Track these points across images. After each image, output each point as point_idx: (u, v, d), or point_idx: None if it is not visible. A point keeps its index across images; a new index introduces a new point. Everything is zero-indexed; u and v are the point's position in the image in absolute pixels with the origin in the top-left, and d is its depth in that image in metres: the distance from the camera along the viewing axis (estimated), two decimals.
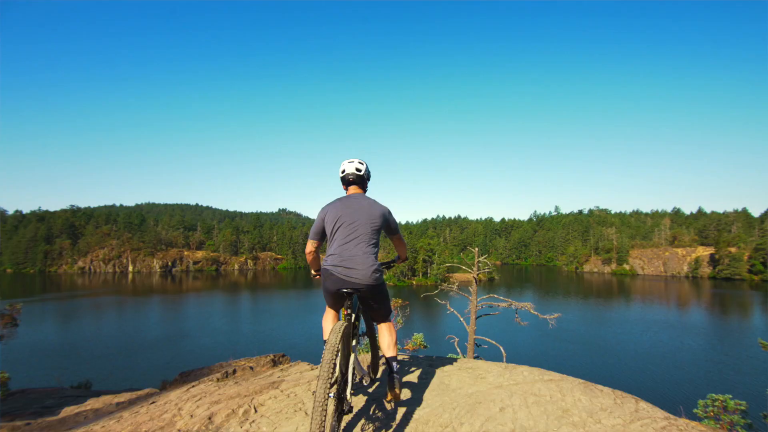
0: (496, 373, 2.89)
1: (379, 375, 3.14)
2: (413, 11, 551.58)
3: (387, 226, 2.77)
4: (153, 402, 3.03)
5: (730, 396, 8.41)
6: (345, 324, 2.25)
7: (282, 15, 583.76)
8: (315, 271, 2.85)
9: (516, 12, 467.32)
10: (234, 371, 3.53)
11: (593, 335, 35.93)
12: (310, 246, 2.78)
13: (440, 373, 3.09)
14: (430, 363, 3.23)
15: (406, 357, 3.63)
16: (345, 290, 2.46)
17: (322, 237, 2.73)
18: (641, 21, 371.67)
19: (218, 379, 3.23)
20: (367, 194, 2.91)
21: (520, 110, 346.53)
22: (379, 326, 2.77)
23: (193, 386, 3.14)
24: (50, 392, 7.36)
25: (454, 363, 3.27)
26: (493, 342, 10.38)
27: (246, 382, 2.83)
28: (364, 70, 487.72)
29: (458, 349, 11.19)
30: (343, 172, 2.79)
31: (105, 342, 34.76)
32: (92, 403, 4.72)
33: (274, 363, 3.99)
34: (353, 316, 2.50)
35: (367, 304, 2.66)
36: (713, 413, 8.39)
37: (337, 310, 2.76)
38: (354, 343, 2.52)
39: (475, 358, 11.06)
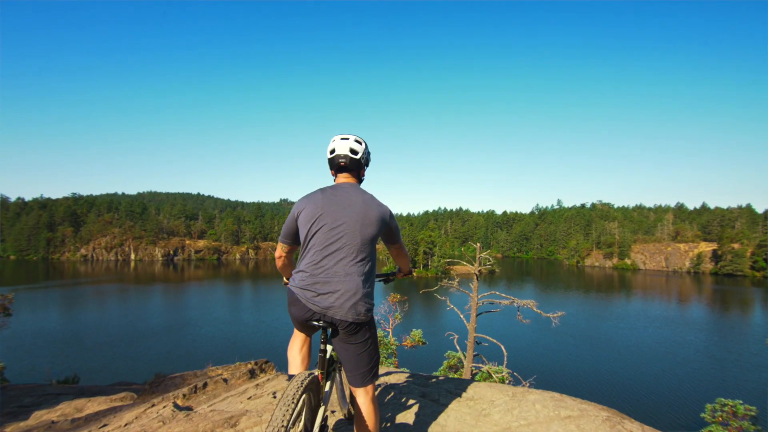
0: (502, 407, 2.41)
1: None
2: (424, 2, 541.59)
3: (387, 233, 2.06)
4: (104, 426, 2.69)
5: (741, 401, 8.08)
6: (308, 378, 1.64)
7: (286, 6, 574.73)
8: (288, 279, 2.23)
9: (521, 6, 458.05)
10: (205, 385, 3.16)
11: (595, 330, 35.71)
12: (280, 250, 2.13)
13: (435, 407, 2.57)
14: (423, 391, 2.74)
15: (399, 378, 3.12)
16: (315, 322, 1.85)
17: (296, 240, 2.05)
18: (644, 16, 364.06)
19: (184, 396, 2.88)
20: (362, 186, 2.15)
21: (524, 103, 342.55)
22: (354, 392, 1.96)
23: (151, 407, 2.78)
24: (32, 389, 7.10)
25: (452, 389, 2.77)
26: (494, 340, 10.05)
27: (198, 416, 2.41)
28: (368, 62, 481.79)
29: (457, 347, 10.88)
30: (332, 152, 2.04)
31: (106, 330, 34.87)
32: (63, 408, 4.42)
33: (252, 374, 3.62)
34: (328, 351, 1.94)
35: (342, 349, 1.91)
36: (721, 418, 8.07)
37: (309, 335, 2.14)
38: (328, 387, 1.98)
39: (475, 356, 10.76)
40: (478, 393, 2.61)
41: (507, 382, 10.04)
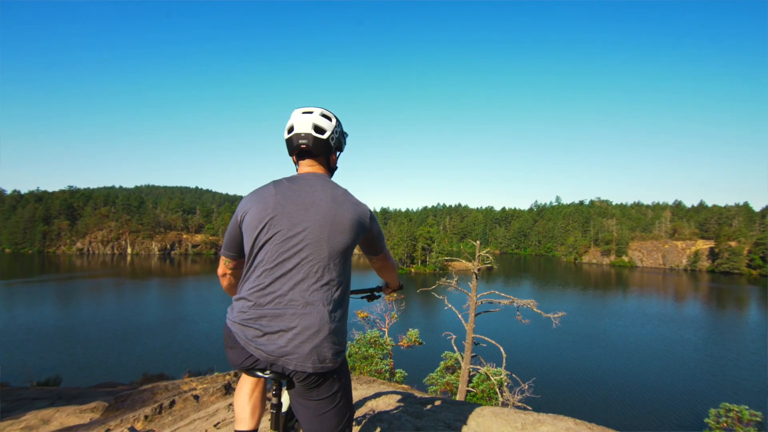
0: None
1: None
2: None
3: (367, 241, 1.52)
4: None
5: (746, 407, 7.85)
6: None
7: (286, 1, 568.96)
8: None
9: (521, 4, 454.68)
10: (172, 403, 2.83)
11: (593, 328, 35.66)
12: (223, 266, 1.56)
13: None
14: (417, 425, 2.30)
15: (389, 403, 2.66)
16: (260, 373, 1.33)
17: (243, 252, 1.48)
18: (643, 14, 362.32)
19: (146, 417, 2.55)
20: (333, 178, 1.61)
21: (523, 100, 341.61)
22: None
23: None
24: (10, 392, 6.78)
25: (450, 421, 2.31)
26: (493, 342, 9.79)
27: None
28: (368, 56, 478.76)
29: (455, 347, 10.65)
30: (290, 131, 1.50)
31: (101, 326, 34.51)
32: (29, 419, 4.09)
33: (227, 389, 3.29)
34: (284, 403, 1.50)
35: (299, 406, 1.41)
36: (726, 424, 7.84)
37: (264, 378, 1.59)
38: None
39: (473, 357, 10.51)
40: (481, 426, 2.21)
41: (505, 384, 9.81)
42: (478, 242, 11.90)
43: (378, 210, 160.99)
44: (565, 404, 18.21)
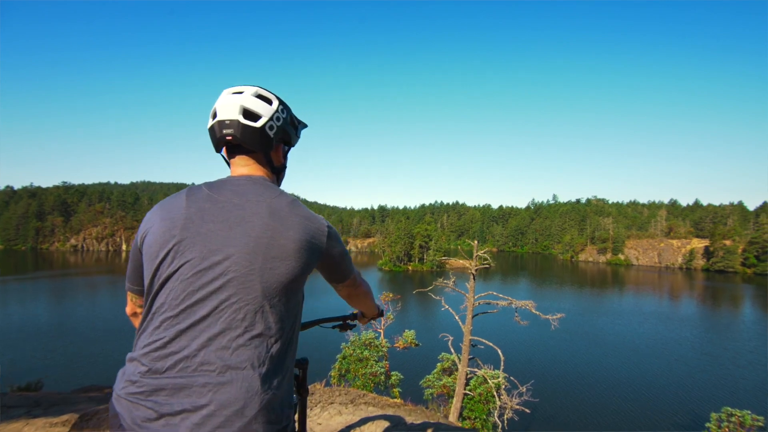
0: None
1: None
2: None
3: (327, 266, 1.10)
4: None
5: (749, 411, 7.71)
6: None
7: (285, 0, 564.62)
8: None
9: (519, 3, 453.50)
10: None
11: (591, 327, 35.63)
12: (131, 304, 1.17)
13: None
14: None
15: (378, 429, 2.38)
16: None
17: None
18: (640, 13, 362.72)
19: None
20: (281, 185, 1.19)
21: (521, 99, 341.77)
22: None
23: None
24: None
25: None
26: (490, 344, 9.60)
27: None
28: (366, 54, 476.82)
29: (452, 349, 10.46)
30: (214, 117, 1.08)
31: (94, 324, 34.11)
32: None
33: None
34: None
35: None
36: (728, 429, 7.71)
37: None
38: None
39: (470, 359, 10.33)
40: None
41: (503, 387, 9.63)
42: (476, 242, 11.69)
43: (376, 207, 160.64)
44: (564, 406, 18.09)
